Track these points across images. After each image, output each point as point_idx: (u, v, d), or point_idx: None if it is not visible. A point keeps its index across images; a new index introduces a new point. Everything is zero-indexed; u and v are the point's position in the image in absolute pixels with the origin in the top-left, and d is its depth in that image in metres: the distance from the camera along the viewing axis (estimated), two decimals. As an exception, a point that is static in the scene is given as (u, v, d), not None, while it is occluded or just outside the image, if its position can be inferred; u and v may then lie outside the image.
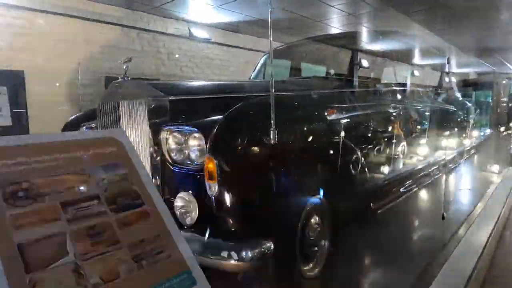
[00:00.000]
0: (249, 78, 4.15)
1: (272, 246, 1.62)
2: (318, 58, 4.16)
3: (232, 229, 1.60)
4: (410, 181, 3.15)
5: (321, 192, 2.15)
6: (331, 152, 2.12)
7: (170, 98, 1.99)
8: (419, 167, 3.42)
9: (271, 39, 1.50)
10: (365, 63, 3.10)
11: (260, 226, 1.65)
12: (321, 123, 2.02)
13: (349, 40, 3.64)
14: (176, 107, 2.01)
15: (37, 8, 4.31)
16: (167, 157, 1.89)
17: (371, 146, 2.55)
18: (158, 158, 1.94)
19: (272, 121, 1.55)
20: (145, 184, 0.81)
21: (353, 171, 2.32)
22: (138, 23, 5.35)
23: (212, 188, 1.53)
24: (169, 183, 1.92)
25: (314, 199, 2.09)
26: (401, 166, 2.99)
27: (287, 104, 1.96)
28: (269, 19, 1.47)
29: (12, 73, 4.25)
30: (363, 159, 2.36)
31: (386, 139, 2.84)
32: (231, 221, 1.57)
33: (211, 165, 1.50)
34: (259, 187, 1.61)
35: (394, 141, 2.91)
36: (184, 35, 5.93)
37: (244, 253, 1.55)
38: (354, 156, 2.27)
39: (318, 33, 5.78)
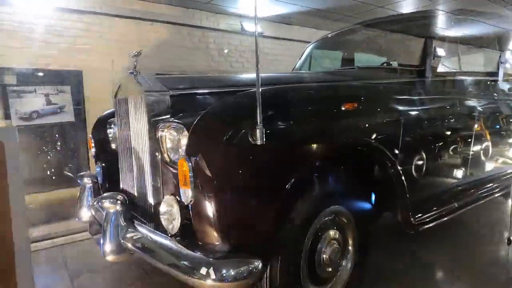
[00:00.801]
0: (292, 69, 3.86)
1: (261, 265, 1.37)
2: (376, 46, 3.66)
3: (216, 243, 1.38)
4: (475, 191, 2.56)
5: (342, 201, 1.81)
6: (354, 151, 1.77)
7: (171, 93, 1.85)
8: (490, 175, 2.78)
9: (256, 19, 1.24)
10: (440, 51, 2.60)
11: (248, 240, 1.41)
12: (338, 117, 1.68)
13: (419, 22, 3.02)
14: (179, 102, 1.86)
15: (95, 11, 4.59)
16: (165, 156, 1.75)
17: (418, 146, 2.10)
18: (159, 157, 1.82)
19: (259, 118, 1.29)
20: (10, 200, 0.65)
21: (388, 176, 1.92)
22: (190, 21, 5.40)
23: (186, 194, 1.34)
24: (167, 185, 1.78)
25: (331, 210, 1.77)
26: (460, 173, 2.44)
27: (293, 97, 1.66)
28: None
29: (72, 73, 4.60)
30: (403, 161, 1.94)
31: (444, 139, 2.34)
32: (210, 233, 1.36)
33: (184, 168, 1.30)
34: (245, 194, 1.36)
35: (452, 142, 2.39)
36: (236, 30, 5.84)
37: (224, 271, 1.33)
38: (390, 158, 1.86)
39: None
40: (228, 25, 5.80)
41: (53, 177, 4.53)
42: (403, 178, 1.89)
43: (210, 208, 1.31)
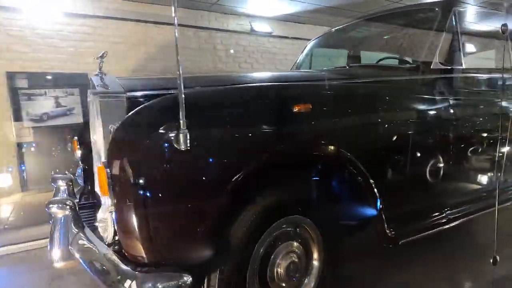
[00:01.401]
0: (291, 68, 3.72)
1: (190, 280, 1.27)
2: (382, 41, 3.42)
3: (143, 255, 1.30)
4: (472, 203, 2.29)
5: (303, 211, 1.66)
6: (313, 158, 1.62)
7: (128, 95, 1.79)
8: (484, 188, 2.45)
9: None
10: (470, 47, 2.39)
11: (178, 253, 1.31)
12: (285, 120, 1.53)
13: (429, 14, 2.70)
14: (137, 105, 1.79)
15: (101, 15, 4.69)
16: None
17: (394, 153, 1.91)
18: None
19: (181, 121, 1.19)
20: None
21: (358, 185, 1.74)
22: (198, 22, 5.38)
23: (107, 203, 1.26)
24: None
25: (289, 220, 1.63)
26: (453, 184, 2.20)
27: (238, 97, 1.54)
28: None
29: (79, 76, 4.72)
30: (374, 170, 1.76)
31: (435, 144, 2.12)
32: (134, 245, 1.28)
33: (102, 175, 1.23)
34: (169, 203, 1.26)
35: (443, 149, 2.15)
36: (245, 30, 5.76)
37: (149, 286, 1.24)
38: (358, 165, 1.68)
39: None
40: (238, 26, 5.73)
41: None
42: (374, 187, 1.71)
43: (130, 218, 1.23)
